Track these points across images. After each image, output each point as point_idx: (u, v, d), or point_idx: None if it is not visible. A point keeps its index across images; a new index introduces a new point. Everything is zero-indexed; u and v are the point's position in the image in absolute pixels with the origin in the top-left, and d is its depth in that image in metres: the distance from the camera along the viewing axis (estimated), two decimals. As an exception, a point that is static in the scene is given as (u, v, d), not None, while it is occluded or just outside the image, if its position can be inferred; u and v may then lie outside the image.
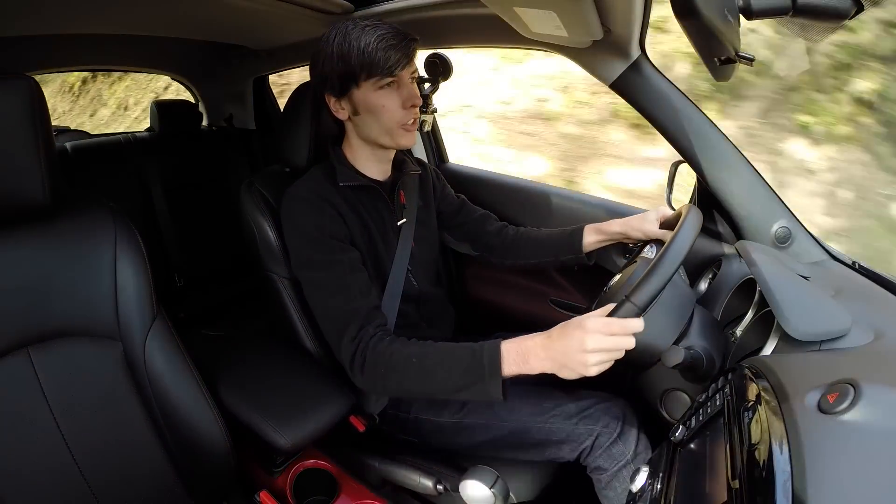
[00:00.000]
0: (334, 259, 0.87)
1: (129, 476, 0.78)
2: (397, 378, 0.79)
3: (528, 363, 0.72)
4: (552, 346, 0.70)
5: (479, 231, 1.17)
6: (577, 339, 0.66)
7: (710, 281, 0.99)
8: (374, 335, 0.83)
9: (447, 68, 1.27)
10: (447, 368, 0.76)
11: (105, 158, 1.73)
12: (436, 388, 0.78)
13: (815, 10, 0.54)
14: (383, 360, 0.80)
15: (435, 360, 0.78)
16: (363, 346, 0.82)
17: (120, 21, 1.21)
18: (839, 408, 0.44)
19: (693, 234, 0.72)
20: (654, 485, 0.57)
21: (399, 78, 0.88)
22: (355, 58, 0.84)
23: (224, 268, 1.89)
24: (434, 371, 0.77)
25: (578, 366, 0.67)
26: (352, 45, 0.84)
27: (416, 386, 0.79)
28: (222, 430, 0.83)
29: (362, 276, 0.89)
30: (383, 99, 0.88)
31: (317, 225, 0.88)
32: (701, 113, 0.93)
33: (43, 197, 0.72)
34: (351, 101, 0.90)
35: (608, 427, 0.87)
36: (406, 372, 0.78)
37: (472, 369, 0.74)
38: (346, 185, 0.93)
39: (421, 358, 0.78)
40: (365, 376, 0.82)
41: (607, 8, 0.74)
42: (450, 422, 0.96)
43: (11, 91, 0.66)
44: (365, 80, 0.86)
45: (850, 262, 0.90)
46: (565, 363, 0.68)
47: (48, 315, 0.75)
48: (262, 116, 2.03)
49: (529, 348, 0.72)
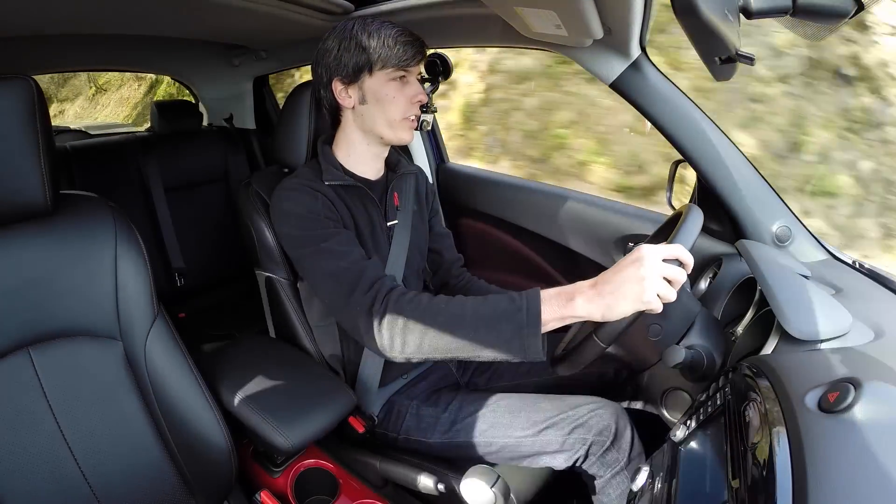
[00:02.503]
0: (331, 231, 0.86)
1: (130, 476, 0.78)
2: (419, 332, 0.73)
3: (573, 302, 0.66)
4: (603, 281, 0.66)
5: (447, 267, 1.16)
6: (633, 268, 0.63)
7: (711, 280, 0.99)
8: (394, 287, 0.79)
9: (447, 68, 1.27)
10: (479, 316, 0.71)
11: (105, 158, 1.73)
12: (465, 339, 0.71)
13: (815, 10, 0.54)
14: (407, 310, 0.74)
15: (467, 306, 0.73)
16: (382, 297, 0.77)
17: (120, 21, 1.21)
18: (840, 407, 0.44)
19: (694, 233, 0.72)
20: (655, 484, 0.57)
21: (409, 73, 0.91)
22: (374, 47, 0.87)
23: (224, 268, 1.89)
24: (464, 319, 0.71)
25: (633, 297, 0.63)
26: (371, 34, 0.87)
27: (440, 340, 0.72)
28: (223, 429, 0.83)
29: (360, 249, 0.87)
30: (393, 91, 0.90)
31: (309, 208, 0.87)
32: (701, 112, 0.93)
33: (43, 197, 0.72)
34: (360, 89, 0.91)
35: (601, 435, 0.86)
36: (433, 322, 0.72)
37: (510, 315, 0.69)
38: (332, 183, 0.93)
39: (450, 305, 0.73)
40: (382, 332, 0.76)
41: (608, 7, 0.74)
42: (439, 442, 0.94)
43: (11, 91, 0.66)
44: (379, 70, 0.89)
45: (851, 261, 0.90)
46: (618, 296, 0.63)
47: (49, 315, 0.75)
48: (262, 116, 2.03)
49: (576, 287, 0.68)
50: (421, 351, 0.75)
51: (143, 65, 2.01)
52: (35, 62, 1.55)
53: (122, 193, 1.67)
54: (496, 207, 1.51)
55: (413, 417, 0.97)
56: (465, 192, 1.59)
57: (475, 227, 1.57)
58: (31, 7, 1.00)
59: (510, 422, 0.90)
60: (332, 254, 0.84)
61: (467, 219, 1.59)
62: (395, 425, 0.99)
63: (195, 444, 0.82)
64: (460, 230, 1.60)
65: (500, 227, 1.51)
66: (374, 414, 1.00)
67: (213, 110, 2.07)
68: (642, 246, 0.65)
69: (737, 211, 0.95)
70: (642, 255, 0.64)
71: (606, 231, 1.27)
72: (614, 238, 1.26)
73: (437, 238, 1.16)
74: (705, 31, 0.62)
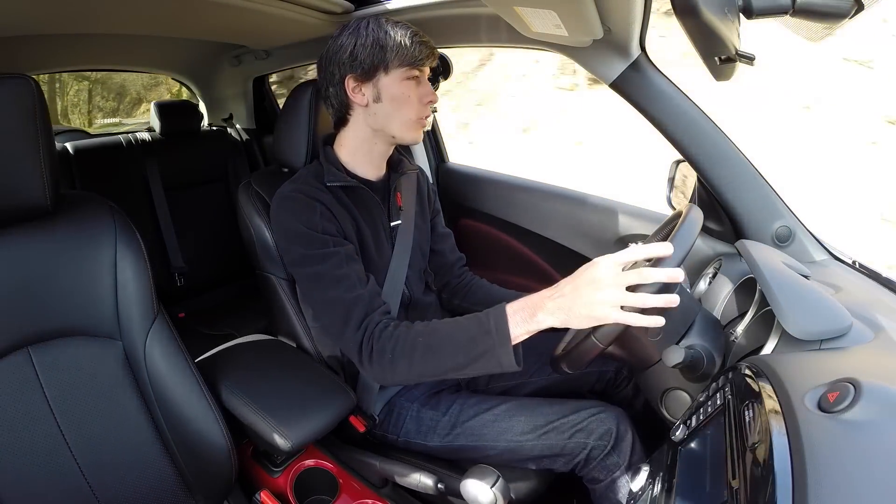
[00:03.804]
0: (328, 252, 0.86)
1: (130, 476, 0.78)
2: (406, 363, 0.77)
3: (535, 317, 0.69)
4: (559, 291, 0.67)
5: (448, 267, 1.16)
6: (587, 275, 0.65)
7: (711, 280, 0.99)
8: (379, 322, 0.81)
9: (447, 68, 1.28)
10: (455, 342, 0.74)
11: (106, 158, 1.73)
12: (446, 365, 0.75)
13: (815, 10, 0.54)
14: (389, 346, 0.78)
15: (442, 335, 0.76)
16: (369, 335, 0.80)
17: (120, 21, 1.21)
18: (840, 407, 0.44)
19: (694, 233, 0.72)
20: (655, 484, 0.57)
21: (422, 73, 0.92)
22: (392, 45, 0.87)
23: (224, 268, 1.89)
24: (442, 348, 0.75)
25: (589, 305, 0.64)
26: (388, 33, 0.87)
27: (426, 367, 0.77)
28: (223, 429, 0.83)
29: (359, 266, 0.87)
30: (408, 90, 0.90)
31: (307, 222, 0.87)
32: (701, 112, 0.93)
33: (43, 197, 0.72)
34: (375, 87, 0.90)
35: (601, 440, 0.86)
36: (413, 354, 0.76)
37: (481, 338, 0.72)
38: (334, 185, 0.92)
39: (427, 336, 0.77)
40: (373, 366, 0.80)
41: (607, 7, 0.74)
42: (439, 445, 0.94)
43: (12, 91, 0.66)
44: (396, 68, 0.88)
45: (851, 261, 0.90)
46: (574, 306, 0.65)
47: (49, 315, 0.75)
48: (262, 116, 2.03)
49: (535, 302, 0.70)
50: (411, 378, 0.80)
51: (143, 64, 2.01)
52: (35, 62, 1.55)
53: (122, 193, 1.67)
54: (496, 207, 1.51)
55: (413, 420, 0.97)
56: (465, 191, 1.59)
57: (475, 227, 1.57)
58: (31, 7, 1.00)
59: (510, 426, 0.90)
60: (328, 279, 0.84)
61: (467, 219, 1.59)
62: (395, 428, 0.98)
63: (195, 444, 0.82)
64: (460, 230, 1.60)
65: (500, 227, 1.51)
66: (375, 413, 1.00)
67: (213, 110, 2.07)
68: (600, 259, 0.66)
69: (737, 211, 0.95)
70: (597, 267, 0.65)
71: (606, 231, 1.27)
72: (614, 238, 1.26)
73: (439, 238, 1.15)
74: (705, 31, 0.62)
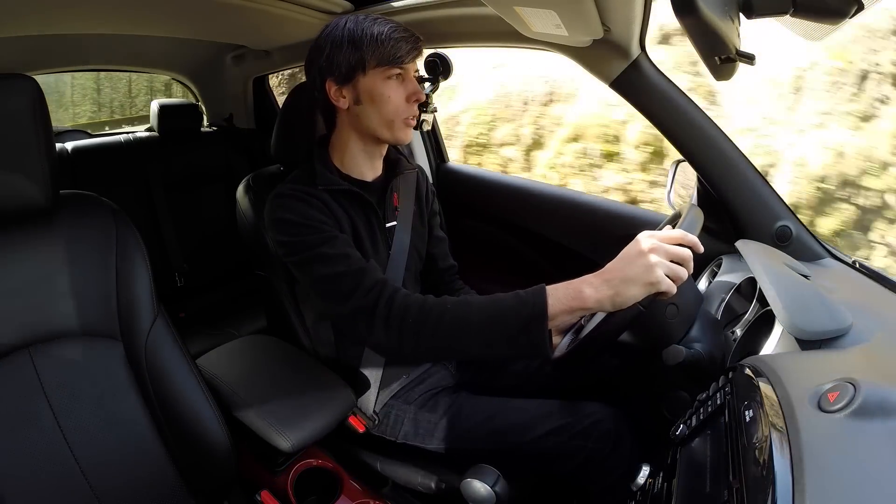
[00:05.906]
0: (329, 235, 0.84)
1: (131, 476, 0.78)
2: (430, 330, 0.73)
3: (581, 293, 0.68)
4: (608, 269, 0.68)
5: (439, 273, 1.14)
6: (635, 251, 0.66)
7: (711, 280, 0.99)
8: (398, 290, 0.78)
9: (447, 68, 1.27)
10: (486, 312, 0.71)
11: (106, 158, 1.73)
12: (474, 339, 0.72)
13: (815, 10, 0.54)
14: (414, 310, 0.75)
15: (472, 305, 0.73)
16: (386, 298, 0.77)
17: (120, 21, 1.21)
18: (839, 406, 0.44)
19: (694, 232, 0.72)
20: (655, 483, 0.57)
21: (405, 71, 0.88)
22: (367, 44, 0.84)
23: (224, 268, 1.89)
24: (472, 317, 0.72)
25: (642, 272, 0.64)
26: (364, 31, 0.84)
27: (450, 338, 0.73)
28: (223, 429, 0.83)
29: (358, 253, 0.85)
30: (389, 89, 0.87)
31: (303, 214, 0.85)
32: (701, 112, 0.93)
33: (44, 197, 0.72)
34: (355, 89, 0.88)
35: (600, 443, 0.84)
36: (440, 322, 0.73)
37: (515, 309, 0.69)
38: (326, 188, 0.90)
39: (458, 304, 0.74)
40: (389, 331, 0.76)
41: (607, 7, 0.74)
42: (437, 448, 0.93)
43: (11, 91, 0.66)
44: (374, 68, 0.85)
45: (851, 261, 0.90)
46: (627, 275, 0.65)
47: (49, 315, 0.75)
48: (262, 116, 2.03)
49: (583, 279, 0.69)
50: (429, 351, 0.76)
51: (143, 64, 2.01)
52: (35, 62, 1.55)
53: (122, 193, 1.67)
54: (497, 208, 1.51)
55: (411, 423, 0.96)
56: (466, 192, 1.59)
57: (475, 227, 1.57)
58: (31, 7, 1.01)
59: (509, 428, 0.89)
60: (328, 258, 0.82)
61: (467, 219, 1.59)
62: (394, 430, 0.97)
63: (195, 444, 0.82)
64: (460, 230, 1.59)
65: (500, 228, 1.51)
66: (375, 413, 1.00)
67: (213, 110, 2.07)
68: (642, 233, 0.68)
69: (737, 211, 0.95)
70: (641, 238, 0.67)
71: (607, 231, 1.27)
72: (614, 238, 1.25)
73: (434, 242, 1.13)
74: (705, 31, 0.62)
